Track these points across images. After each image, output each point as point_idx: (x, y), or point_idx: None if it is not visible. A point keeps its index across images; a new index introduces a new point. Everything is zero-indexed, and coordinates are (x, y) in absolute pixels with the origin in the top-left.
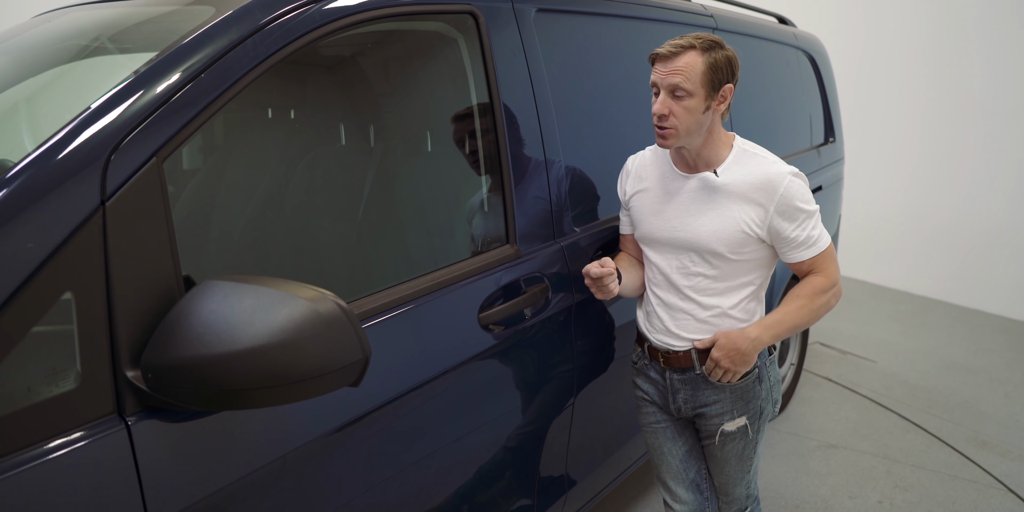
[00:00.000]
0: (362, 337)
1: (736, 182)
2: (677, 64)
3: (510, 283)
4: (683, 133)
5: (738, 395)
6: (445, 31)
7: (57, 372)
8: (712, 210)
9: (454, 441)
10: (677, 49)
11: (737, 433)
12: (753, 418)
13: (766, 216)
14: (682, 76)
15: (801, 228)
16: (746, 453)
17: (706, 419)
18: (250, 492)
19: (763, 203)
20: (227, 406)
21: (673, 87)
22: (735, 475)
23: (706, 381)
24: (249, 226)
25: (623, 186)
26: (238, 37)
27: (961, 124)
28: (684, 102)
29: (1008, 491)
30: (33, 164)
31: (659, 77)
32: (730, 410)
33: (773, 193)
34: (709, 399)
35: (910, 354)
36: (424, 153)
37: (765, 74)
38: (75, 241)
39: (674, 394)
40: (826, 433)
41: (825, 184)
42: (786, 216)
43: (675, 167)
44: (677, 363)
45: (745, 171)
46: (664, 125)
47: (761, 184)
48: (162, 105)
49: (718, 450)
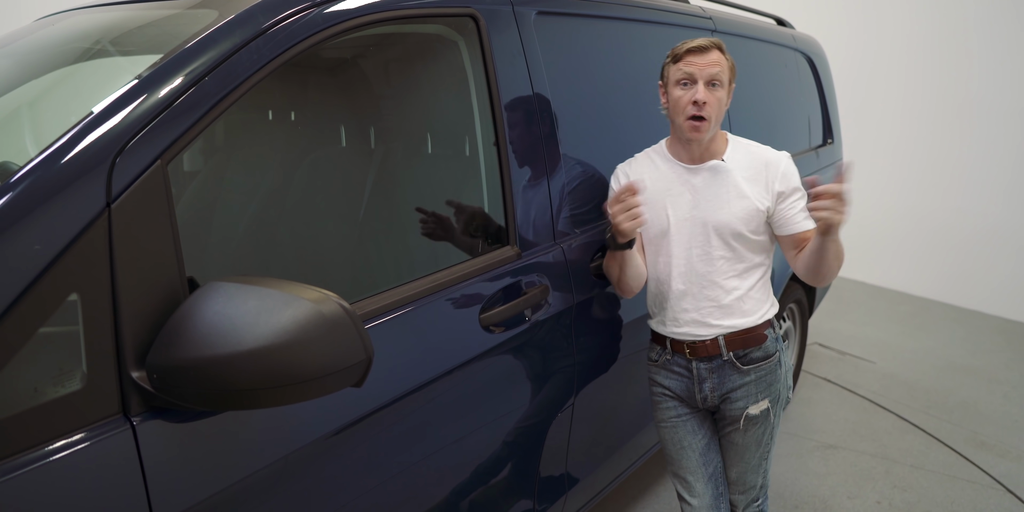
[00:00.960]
0: (365, 338)
1: (742, 167)
2: (712, 57)
3: (511, 284)
4: (714, 123)
5: (762, 378)
6: (446, 34)
7: (63, 373)
8: (728, 193)
9: (455, 441)
10: (710, 44)
11: (760, 416)
12: (774, 401)
13: (771, 191)
14: (720, 67)
15: (800, 201)
16: (765, 439)
17: (731, 403)
18: (254, 492)
19: (768, 182)
20: (231, 406)
21: (712, 77)
22: (754, 462)
23: (732, 367)
24: (252, 228)
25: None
26: (241, 41)
27: (959, 125)
28: (717, 93)
29: (1007, 491)
30: (39, 167)
31: (698, 68)
32: (755, 393)
33: (776, 171)
34: (736, 384)
35: (909, 355)
36: (425, 155)
37: (764, 76)
38: (81, 243)
39: (700, 384)
40: (825, 433)
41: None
42: (788, 190)
43: (680, 162)
44: (704, 352)
45: (747, 157)
46: (702, 114)
47: (764, 165)
48: (166, 108)
49: (740, 436)
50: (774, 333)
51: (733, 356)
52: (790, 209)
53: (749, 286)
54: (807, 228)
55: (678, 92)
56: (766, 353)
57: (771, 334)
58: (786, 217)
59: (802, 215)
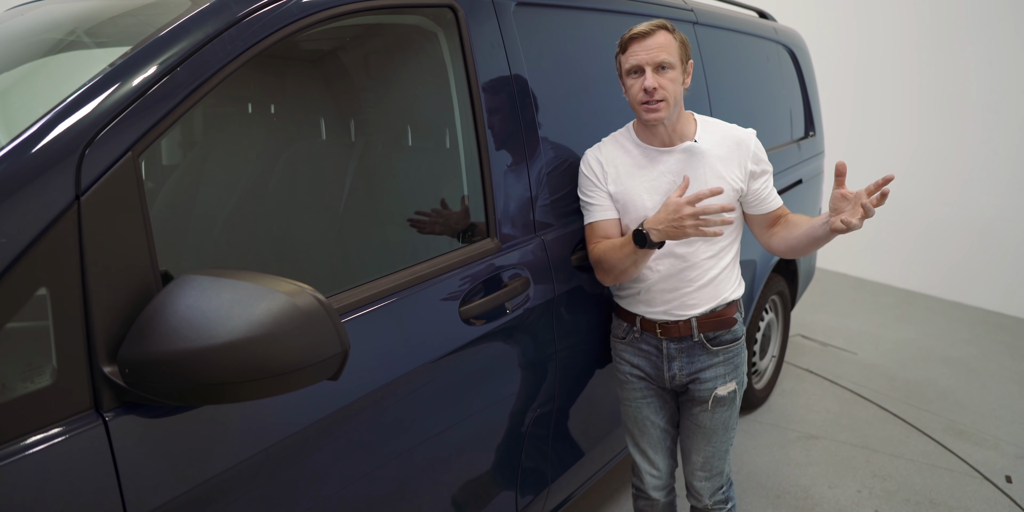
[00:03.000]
0: (340, 330)
1: (714, 146)
2: (658, 41)
3: (491, 277)
4: (672, 103)
5: (729, 360)
6: (424, 25)
7: (33, 368)
8: (705, 175)
9: (437, 434)
10: (652, 28)
11: (727, 398)
12: (740, 384)
13: (744, 171)
14: (665, 51)
15: (769, 177)
16: (731, 423)
17: (700, 383)
18: (231, 487)
19: (740, 160)
20: (205, 401)
21: (659, 63)
22: (721, 447)
23: (702, 348)
24: (228, 221)
25: (598, 175)
26: (215, 30)
27: (946, 118)
28: (668, 74)
29: (984, 479)
30: (6, 158)
31: (644, 57)
32: (723, 375)
33: (747, 150)
34: (704, 364)
35: (890, 346)
36: (405, 147)
37: (745, 68)
38: (50, 236)
39: (669, 362)
40: (807, 424)
41: (805, 177)
42: (759, 170)
43: (651, 146)
44: (676, 333)
45: (717, 136)
46: (657, 98)
47: (736, 143)
48: (137, 99)
49: (708, 418)
50: (740, 316)
51: (704, 338)
52: (763, 188)
53: (724, 266)
54: (779, 205)
55: (630, 81)
56: (734, 336)
57: (739, 317)
58: (760, 197)
59: (774, 193)
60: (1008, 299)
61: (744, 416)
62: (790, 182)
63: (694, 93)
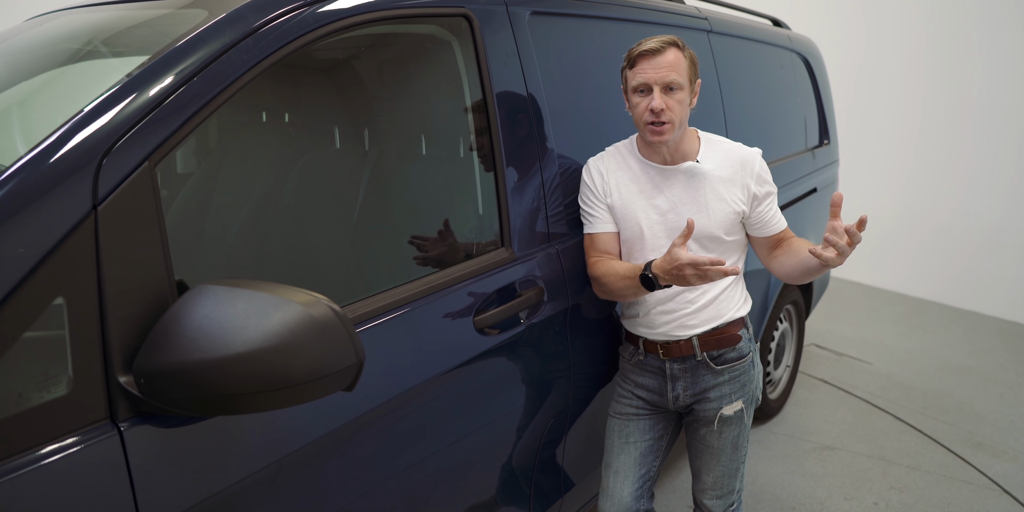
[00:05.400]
0: (356, 341)
1: (717, 167)
2: (668, 59)
3: (505, 286)
4: (678, 125)
5: (735, 378)
6: (439, 34)
7: (49, 378)
8: (706, 197)
9: (449, 445)
10: (662, 45)
11: (734, 418)
12: (748, 403)
13: (748, 192)
14: (675, 71)
15: (773, 199)
16: (740, 441)
17: (705, 404)
18: (244, 498)
19: (743, 181)
20: (220, 411)
21: (668, 83)
22: (731, 465)
23: (706, 367)
24: (243, 230)
25: (599, 187)
26: (231, 40)
27: (957, 126)
28: (676, 95)
29: (1003, 492)
30: (24, 168)
31: (653, 75)
32: (728, 394)
33: (751, 170)
34: (709, 384)
35: (905, 356)
36: (419, 156)
37: (760, 77)
38: (67, 245)
39: (673, 383)
40: (822, 435)
41: (820, 186)
42: (763, 193)
43: (652, 163)
44: (678, 352)
45: (720, 156)
46: (663, 120)
47: (740, 164)
48: (154, 109)
49: (715, 438)
50: (748, 333)
51: (707, 357)
52: (767, 211)
53: (724, 286)
54: (783, 228)
55: (636, 99)
56: (740, 354)
57: (745, 334)
58: (763, 220)
59: (778, 216)
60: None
61: (758, 426)
62: (805, 191)
63: (709, 103)
